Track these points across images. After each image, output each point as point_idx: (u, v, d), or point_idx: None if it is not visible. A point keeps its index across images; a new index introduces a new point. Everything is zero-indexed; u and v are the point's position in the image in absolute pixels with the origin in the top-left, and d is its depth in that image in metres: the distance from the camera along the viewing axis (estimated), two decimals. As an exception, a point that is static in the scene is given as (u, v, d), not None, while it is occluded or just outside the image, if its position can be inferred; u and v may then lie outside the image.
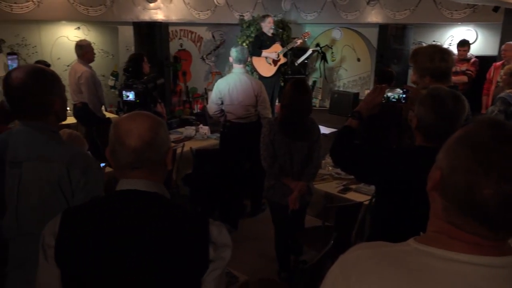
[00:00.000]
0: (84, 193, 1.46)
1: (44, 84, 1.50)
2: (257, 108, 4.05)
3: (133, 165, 1.11)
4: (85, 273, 1.06)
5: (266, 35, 6.16)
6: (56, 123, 1.58)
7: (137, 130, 1.10)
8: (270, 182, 3.05)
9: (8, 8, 5.04)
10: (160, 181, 1.16)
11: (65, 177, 1.44)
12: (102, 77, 6.25)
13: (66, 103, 1.66)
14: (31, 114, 1.50)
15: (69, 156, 1.47)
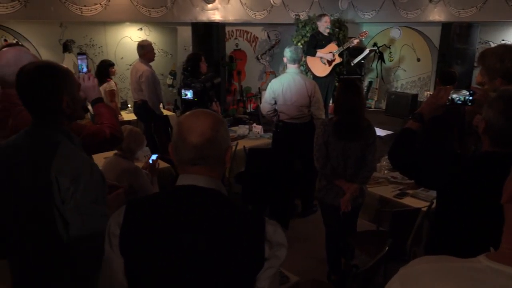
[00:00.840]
0: (73, 201, 1.40)
1: (52, 81, 1.48)
2: (311, 109, 4.01)
3: (194, 161, 1.14)
4: (146, 263, 1.10)
5: (322, 34, 6.08)
6: (66, 121, 1.55)
7: (199, 127, 1.13)
8: (322, 183, 3.01)
9: (79, 11, 5.39)
10: (218, 177, 1.19)
11: (55, 185, 1.40)
12: (161, 76, 6.50)
13: (78, 102, 1.59)
14: (39, 110, 1.50)
15: (60, 163, 1.41)
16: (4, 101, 1.89)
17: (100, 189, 1.48)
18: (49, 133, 1.48)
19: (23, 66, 1.51)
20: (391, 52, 8.28)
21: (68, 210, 1.41)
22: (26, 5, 4.98)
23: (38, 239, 1.48)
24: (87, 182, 1.42)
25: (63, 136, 1.50)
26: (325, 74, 6.08)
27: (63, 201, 1.41)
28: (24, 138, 1.51)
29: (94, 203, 1.44)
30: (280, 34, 8.27)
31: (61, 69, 1.53)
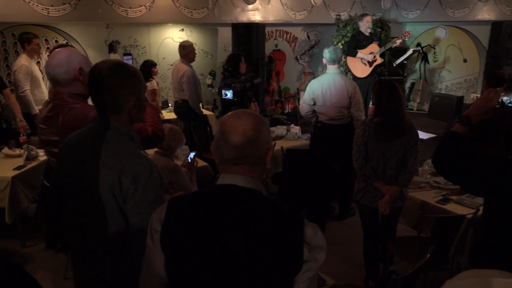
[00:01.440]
0: (133, 200, 1.42)
1: (122, 80, 1.49)
2: (350, 110, 3.95)
3: (235, 160, 1.15)
4: (185, 260, 1.12)
5: (363, 34, 5.96)
6: (128, 122, 1.55)
7: (241, 127, 1.14)
8: (361, 184, 2.96)
9: (124, 13, 5.58)
10: (259, 177, 1.19)
11: (117, 183, 1.42)
12: (201, 76, 6.61)
13: (143, 103, 1.60)
14: (105, 107, 1.52)
15: (122, 162, 1.43)
16: (55, 99, 1.98)
17: (158, 189, 1.48)
18: (110, 132, 1.50)
19: (96, 63, 1.53)
20: (436, 52, 8.00)
21: (128, 209, 1.44)
22: (76, 7, 5.22)
23: (96, 235, 1.53)
24: (146, 181, 1.43)
25: (125, 135, 1.52)
26: (365, 75, 5.96)
27: (125, 199, 1.43)
28: (88, 134, 1.55)
29: (152, 203, 1.45)
30: (320, 34, 8.19)
31: (132, 70, 1.55)
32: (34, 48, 4.71)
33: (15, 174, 3.43)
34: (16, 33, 5.29)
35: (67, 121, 1.90)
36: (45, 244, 3.62)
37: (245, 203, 1.12)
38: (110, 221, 1.48)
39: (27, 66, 4.57)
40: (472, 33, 7.47)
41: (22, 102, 4.48)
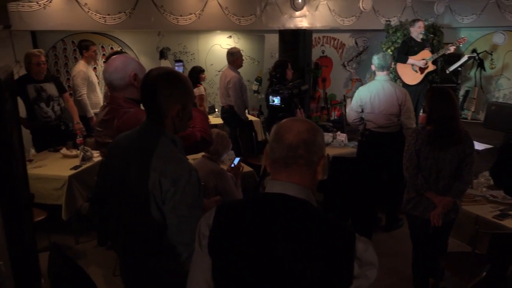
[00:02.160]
0: (172, 203, 1.45)
1: (171, 87, 1.54)
2: (400, 118, 3.83)
3: (287, 160, 1.13)
4: (232, 267, 1.12)
5: (415, 40, 5.77)
6: (172, 128, 1.59)
7: (297, 128, 1.14)
8: (411, 194, 2.85)
9: (175, 21, 5.76)
10: (309, 186, 1.16)
11: (157, 186, 1.46)
12: (247, 82, 6.68)
13: (188, 113, 1.62)
14: (152, 112, 1.57)
15: (163, 165, 1.47)
16: (111, 103, 2.08)
17: (197, 193, 1.51)
18: (155, 135, 1.55)
19: (150, 70, 1.61)
20: (493, 59, 7.60)
21: (166, 211, 1.47)
22: (130, 16, 5.46)
23: (139, 235, 1.58)
24: (185, 185, 1.46)
25: (167, 138, 1.55)
26: (416, 82, 5.76)
27: (164, 201, 1.47)
28: (136, 134, 1.61)
29: (190, 206, 1.48)
30: (368, 40, 8.04)
31: (182, 79, 1.59)
32: (91, 55, 4.98)
33: (71, 173, 3.63)
34: (76, 40, 5.62)
35: (122, 125, 1.98)
36: (97, 241, 3.79)
37: (294, 214, 1.10)
38: (150, 222, 1.52)
39: (84, 71, 4.83)
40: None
41: (79, 105, 4.74)
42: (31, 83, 4.23)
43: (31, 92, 4.24)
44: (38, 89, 4.27)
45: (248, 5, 6.28)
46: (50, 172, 3.65)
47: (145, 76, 1.59)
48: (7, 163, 1.02)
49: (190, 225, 1.43)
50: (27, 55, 4.24)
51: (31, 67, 4.20)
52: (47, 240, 3.60)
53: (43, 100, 4.32)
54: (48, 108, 4.35)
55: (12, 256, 1.02)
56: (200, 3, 5.91)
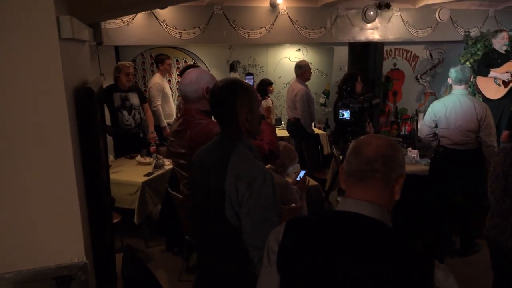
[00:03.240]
0: (247, 206, 1.48)
1: (235, 95, 1.60)
2: (479, 134, 3.57)
3: (363, 173, 1.09)
4: (300, 285, 1.09)
5: (498, 52, 5.38)
6: (245, 133, 1.65)
7: (376, 142, 1.11)
8: (495, 220, 2.62)
9: (246, 35, 5.93)
10: (385, 206, 1.11)
11: (234, 190, 1.50)
12: (315, 95, 6.64)
13: (256, 117, 1.69)
14: (223, 121, 1.65)
15: (239, 169, 1.52)
16: (185, 115, 2.18)
17: (271, 197, 1.53)
18: (230, 142, 1.62)
19: (215, 83, 1.71)
20: None
21: (242, 214, 1.51)
22: (204, 31, 5.72)
23: (217, 239, 1.63)
24: (260, 188, 1.49)
25: (242, 145, 1.61)
26: (498, 96, 5.35)
27: (240, 204, 1.51)
28: (214, 144, 1.71)
29: (265, 209, 1.51)
30: (444, 52, 7.65)
31: (244, 85, 1.66)
32: (166, 68, 5.27)
33: (144, 180, 3.84)
34: (153, 54, 5.98)
35: (194, 136, 2.08)
36: (165, 246, 3.95)
37: (367, 234, 1.05)
38: (227, 226, 1.56)
39: (159, 83, 5.12)
40: None
41: (154, 115, 5.03)
42: (117, 92, 4.61)
43: (117, 100, 4.61)
44: (123, 98, 4.64)
45: (318, 18, 6.29)
46: (125, 178, 3.88)
47: (212, 89, 1.68)
48: (96, 168, 1.12)
49: (263, 229, 1.43)
50: (118, 66, 4.62)
51: (121, 77, 4.57)
52: (120, 242, 3.83)
53: (126, 108, 4.67)
54: (130, 116, 4.69)
55: (96, 256, 1.12)
56: (271, 17, 6.02)
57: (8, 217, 1.03)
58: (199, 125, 2.10)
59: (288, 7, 6.10)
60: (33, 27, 0.94)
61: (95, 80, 1.43)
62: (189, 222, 2.25)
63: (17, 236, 1.05)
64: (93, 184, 1.17)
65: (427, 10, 6.74)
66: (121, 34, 5.36)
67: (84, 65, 1.45)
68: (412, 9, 6.73)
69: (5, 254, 1.05)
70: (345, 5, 6.28)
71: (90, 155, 1.16)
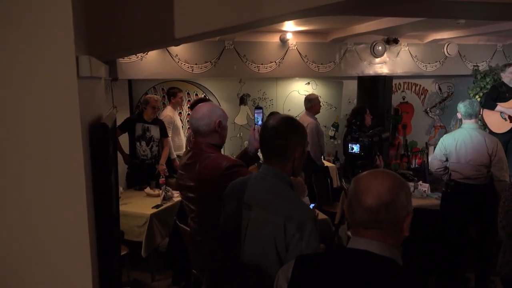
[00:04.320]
0: (297, 249, 1.40)
1: (290, 130, 1.59)
2: (491, 169, 3.54)
3: (367, 224, 1.09)
4: None
5: (507, 86, 5.39)
6: (290, 171, 1.61)
7: (377, 188, 1.08)
8: (508, 257, 2.56)
9: (256, 69, 6.06)
10: (395, 244, 1.11)
11: (281, 230, 1.43)
12: (324, 128, 6.68)
13: (303, 158, 1.65)
14: (273, 156, 1.60)
15: (288, 209, 1.47)
16: (195, 148, 2.21)
17: (319, 242, 1.47)
18: (278, 179, 1.58)
19: (268, 119, 1.70)
20: None
21: (289, 258, 1.38)
22: (215, 65, 5.87)
23: (245, 273, 1.57)
24: (312, 230, 1.43)
25: (287, 183, 1.58)
26: (503, 130, 5.33)
27: (287, 247, 1.43)
28: (255, 179, 1.66)
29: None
30: (453, 86, 7.69)
31: (299, 124, 1.66)
32: (178, 101, 5.38)
33: (153, 212, 3.84)
34: (165, 87, 6.12)
35: (203, 169, 2.09)
36: (171, 279, 3.90)
37: (378, 273, 1.05)
38: (266, 270, 1.49)
39: (171, 116, 5.21)
40: None
41: (164, 147, 5.09)
42: (140, 122, 4.74)
43: (138, 130, 4.74)
44: (145, 128, 4.75)
45: (327, 53, 6.41)
46: (134, 210, 3.89)
47: (265, 123, 1.66)
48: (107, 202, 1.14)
49: None
50: (147, 99, 4.80)
51: (147, 109, 4.73)
52: (127, 275, 3.79)
53: (145, 139, 4.77)
54: (147, 147, 4.78)
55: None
56: (281, 52, 6.16)
57: (19, 247, 1.05)
58: (208, 159, 2.11)
59: (297, 42, 6.24)
60: (53, 65, 0.99)
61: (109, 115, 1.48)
62: (196, 255, 2.21)
63: (27, 266, 1.06)
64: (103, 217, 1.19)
65: (435, 45, 6.84)
66: (134, 69, 5.51)
67: (99, 100, 1.50)
68: (420, 44, 6.83)
69: (14, 283, 1.06)
70: (353, 40, 6.41)
71: (102, 189, 1.18)
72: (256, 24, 1.48)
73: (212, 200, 1.97)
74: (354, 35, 5.93)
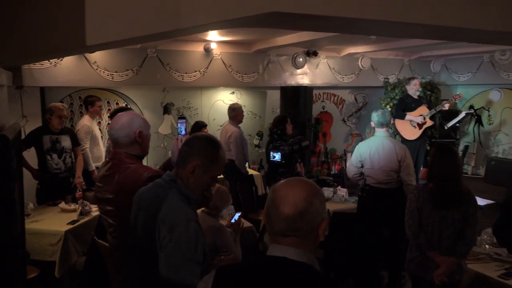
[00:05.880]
0: (166, 250, 1.47)
1: (198, 144, 1.66)
2: (400, 174, 3.84)
3: (285, 232, 1.12)
4: None
5: (411, 97, 5.94)
6: (186, 181, 1.64)
7: (293, 197, 1.12)
8: (413, 254, 2.79)
9: (180, 78, 5.98)
10: (312, 250, 1.15)
11: (157, 232, 1.51)
12: (249, 137, 6.78)
13: (206, 181, 1.67)
14: (178, 159, 1.68)
15: (164, 212, 1.53)
16: (114, 158, 2.11)
17: (193, 245, 1.49)
18: (168, 185, 1.62)
19: (196, 134, 1.77)
20: (491, 115, 7.74)
21: (160, 258, 1.49)
22: (137, 73, 5.68)
23: (142, 281, 1.59)
24: (181, 234, 1.47)
25: (178, 191, 1.61)
26: (414, 137, 5.85)
27: (160, 247, 1.50)
28: (154, 185, 1.70)
29: (184, 257, 1.47)
30: (367, 96, 8.25)
31: (211, 144, 1.68)
32: (96, 110, 5.11)
33: (68, 228, 3.58)
34: (82, 96, 5.78)
35: (122, 180, 2.01)
36: (90, 299, 3.66)
37: (296, 278, 1.08)
38: (150, 269, 1.53)
39: (88, 126, 4.94)
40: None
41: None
42: (47, 134, 4.37)
43: (46, 143, 4.36)
44: (54, 140, 4.40)
45: (251, 64, 6.54)
46: (46, 227, 3.60)
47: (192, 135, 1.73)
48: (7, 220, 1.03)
49: (181, 278, 1.41)
50: (51, 107, 4.40)
51: (52, 120, 4.34)
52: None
53: (56, 151, 4.42)
54: (60, 159, 4.44)
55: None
56: (205, 61, 6.15)
57: None
58: (128, 169, 2.03)
59: (222, 52, 6.28)
60: None
61: (13, 126, 1.36)
62: (116, 273, 2.12)
63: None
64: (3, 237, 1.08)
65: (350, 58, 7.30)
66: (47, 75, 5.13)
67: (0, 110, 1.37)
68: (338, 57, 7.25)
69: None
70: (276, 51, 6.61)
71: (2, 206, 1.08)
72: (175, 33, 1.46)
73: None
74: (277, 47, 6.12)
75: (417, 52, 7.56)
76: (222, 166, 1.72)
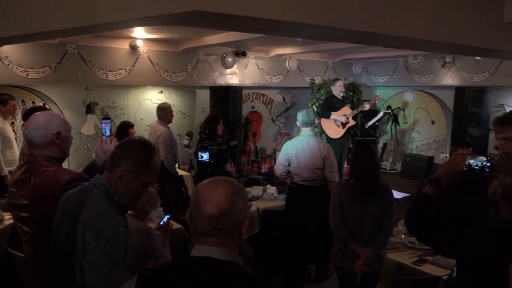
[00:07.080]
0: (92, 257, 1.41)
1: (130, 148, 1.62)
2: (324, 172, 4.02)
3: (208, 232, 1.13)
4: None
5: (336, 98, 6.24)
6: (115, 184, 1.59)
7: (216, 197, 1.13)
8: (337, 246, 2.94)
9: (104, 75, 5.70)
10: (235, 248, 1.16)
11: (81, 238, 1.45)
12: (178, 137, 6.67)
13: (136, 189, 1.63)
14: (109, 161, 1.63)
15: (90, 217, 1.48)
16: (30, 161, 1.96)
17: (122, 251, 1.45)
18: (92, 189, 1.56)
19: (131, 137, 1.70)
20: (405, 114, 8.39)
21: (85, 266, 1.42)
22: (55, 70, 5.31)
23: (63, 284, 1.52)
24: (108, 241, 1.41)
25: (104, 194, 1.54)
26: (339, 136, 6.15)
27: (85, 254, 1.42)
28: (80, 189, 1.61)
29: (111, 264, 1.42)
30: (295, 96, 8.52)
31: (143, 147, 1.63)
32: (9, 109, 4.70)
33: (-23, 239, 3.27)
34: (-7, 94, 5.28)
35: (38, 184, 1.87)
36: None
37: (220, 277, 1.09)
38: (72, 276, 1.46)
39: (0, 127, 4.52)
40: (438, 97, 7.91)
41: (-8, 162, 4.38)
42: None
43: None
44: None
45: (179, 62, 6.43)
46: (-50, 239, 3.26)
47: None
48: None
49: (110, 285, 1.36)
50: None
51: None
52: None
53: None
54: None
55: None
56: (131, 59, 5.94)
57: None
58: (45, 173, 1.90)
59: (148, 50, 6.10)
60: None
61: None
62: (33, 286, 1.97)
63: None
64: None
65: (278, 59, 7.48)
66: (-51, 70, 4.63)
67: None
68: (266, 57, 7.39)
69: None
70: (205, 51, 6.57)
71: None
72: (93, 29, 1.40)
73: (49, 219, 1.77)
74: (205, 46, 6.09)
75: (340, 55, 7.96)
76: (155, 174, 1.67)
